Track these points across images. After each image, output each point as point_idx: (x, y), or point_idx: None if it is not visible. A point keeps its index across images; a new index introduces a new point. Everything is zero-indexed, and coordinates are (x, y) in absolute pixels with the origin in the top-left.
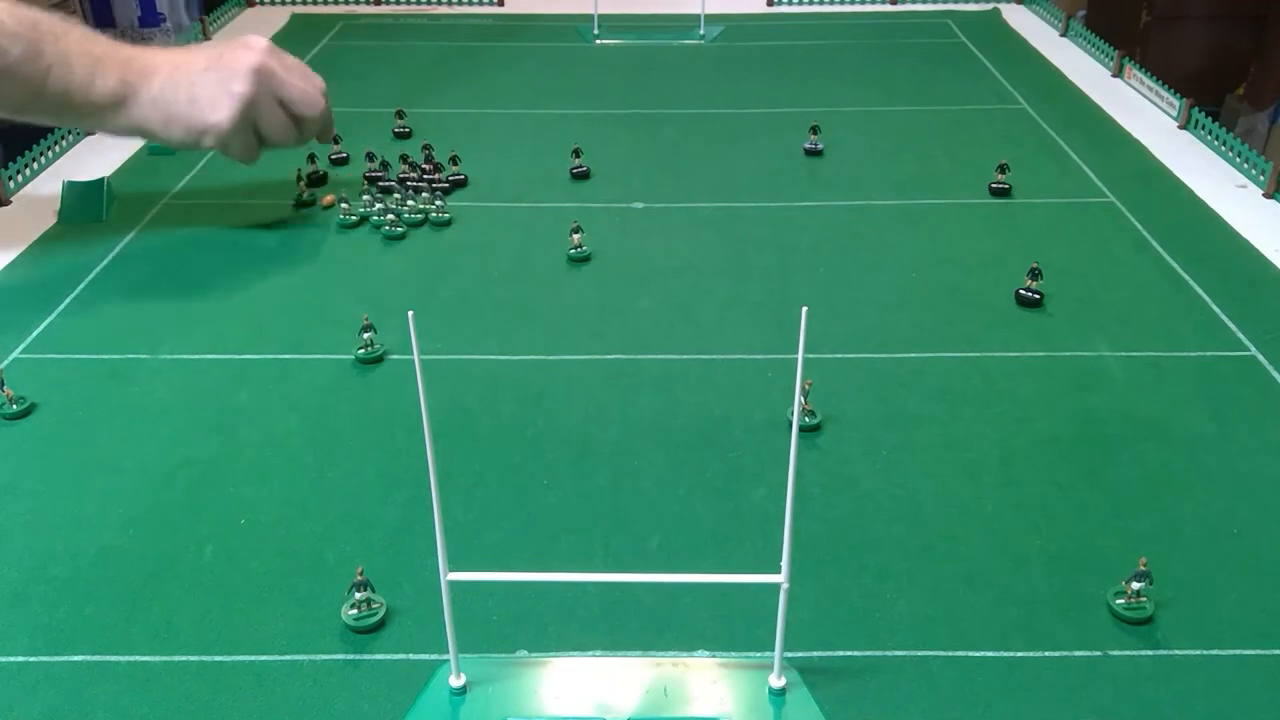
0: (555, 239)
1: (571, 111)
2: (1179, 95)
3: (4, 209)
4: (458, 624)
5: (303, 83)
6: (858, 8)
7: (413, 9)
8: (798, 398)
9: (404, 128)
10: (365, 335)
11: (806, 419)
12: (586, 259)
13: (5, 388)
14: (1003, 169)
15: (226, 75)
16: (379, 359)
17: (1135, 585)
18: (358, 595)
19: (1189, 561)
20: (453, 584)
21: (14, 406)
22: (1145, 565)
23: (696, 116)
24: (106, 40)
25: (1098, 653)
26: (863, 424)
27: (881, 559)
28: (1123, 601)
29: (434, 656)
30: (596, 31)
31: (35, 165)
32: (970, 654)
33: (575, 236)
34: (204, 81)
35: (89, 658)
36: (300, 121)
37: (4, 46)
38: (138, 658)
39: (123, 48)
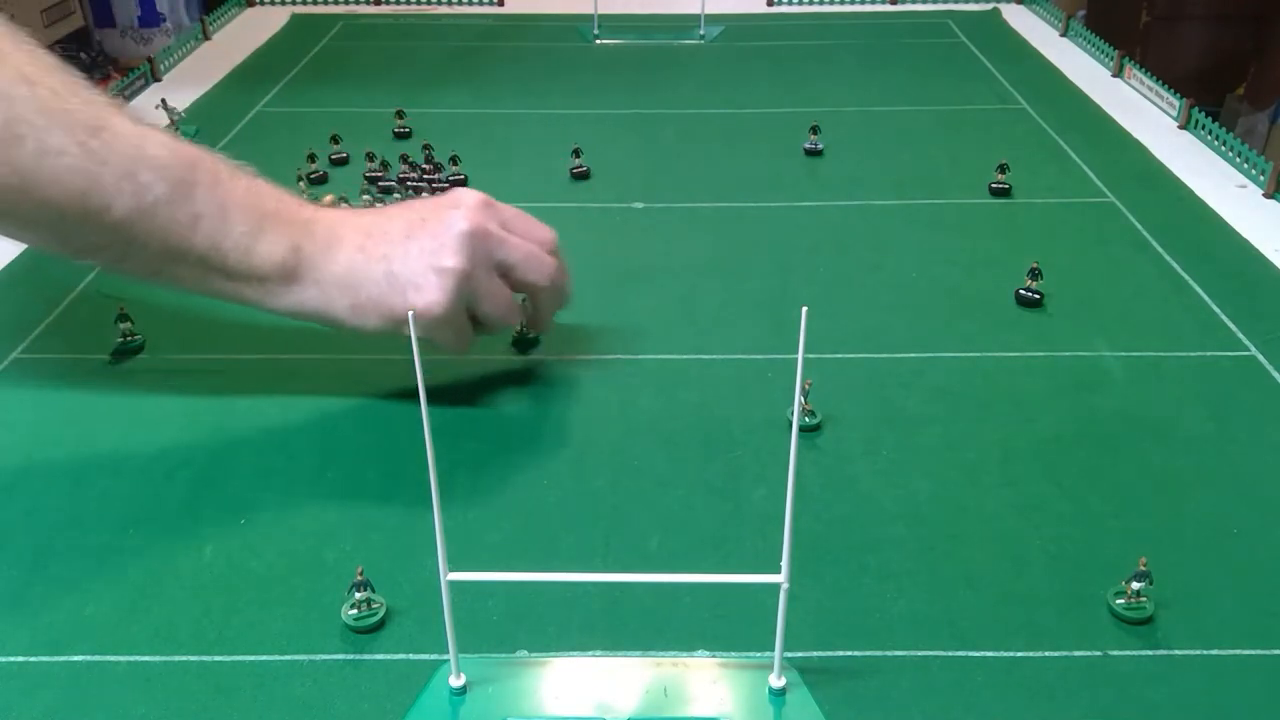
0: None
1: (571, 111)
2: (1179, 95)
3: None
4: (458, 624)
5: (526, 241)
6: (858, 8)
7: (413, 9)
8: (798, 398)
9: (404, 128)
10: None
11: (806, 419)
12: (536, 340)
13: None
14: (1003, 169)
15: (433, 245)
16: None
17: (1135, 585)
18: (358, 595)
19: (1189, 561)
20: (453, 584)
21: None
22: (1145, 565)
23: (696, 116)
24: (283, 195)
25: (1098, 653)
26: (863, 424)
27: (881, 559)
28: (1123, 601)
29: (434, 656)
30: (596, 31)
31: None
32: (970, 654)
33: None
34: (404, 254)
35: (89, 658)
36: (528, 290)
37: (146, 182)
38: (138, 658)
39: (303, 207)
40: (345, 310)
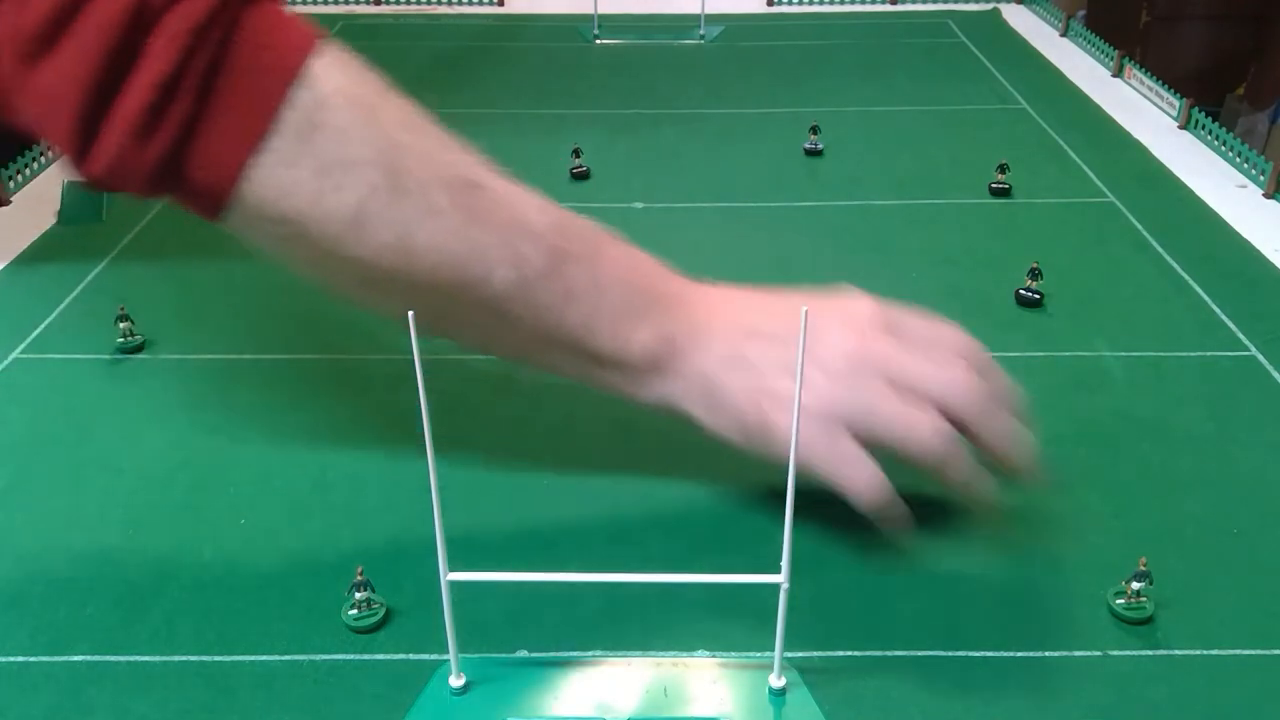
0: None
1: (571, 111)
2: (1179, 95)
3: (4, 209)
4: (458, 624)
5: (920, 393)
6: (858, 8)
7: (413, 9)
8: (797, 397)
9: None
10: None
11: None
12: None
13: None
14: (1003, 169)
15: (814, 358)
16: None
17: (1135, 585)
18: (358, 595)
19: (1189, 561)
20: (453, 584)
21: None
22: (1145, 565)
23: (696, 116)
24: (652, 265)
25: (1098, 653)
26: None
27: (881, 559)
28: (1123, 601)
29: (434, 656)
30: (596, 31)
31: (35, 165)
32: (970, 654)
33: None
34: (774, 362)
35: (89, 658)
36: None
37: (525, 253)
38: (138, 658)
39: (672, 279)
40: (703, 412)
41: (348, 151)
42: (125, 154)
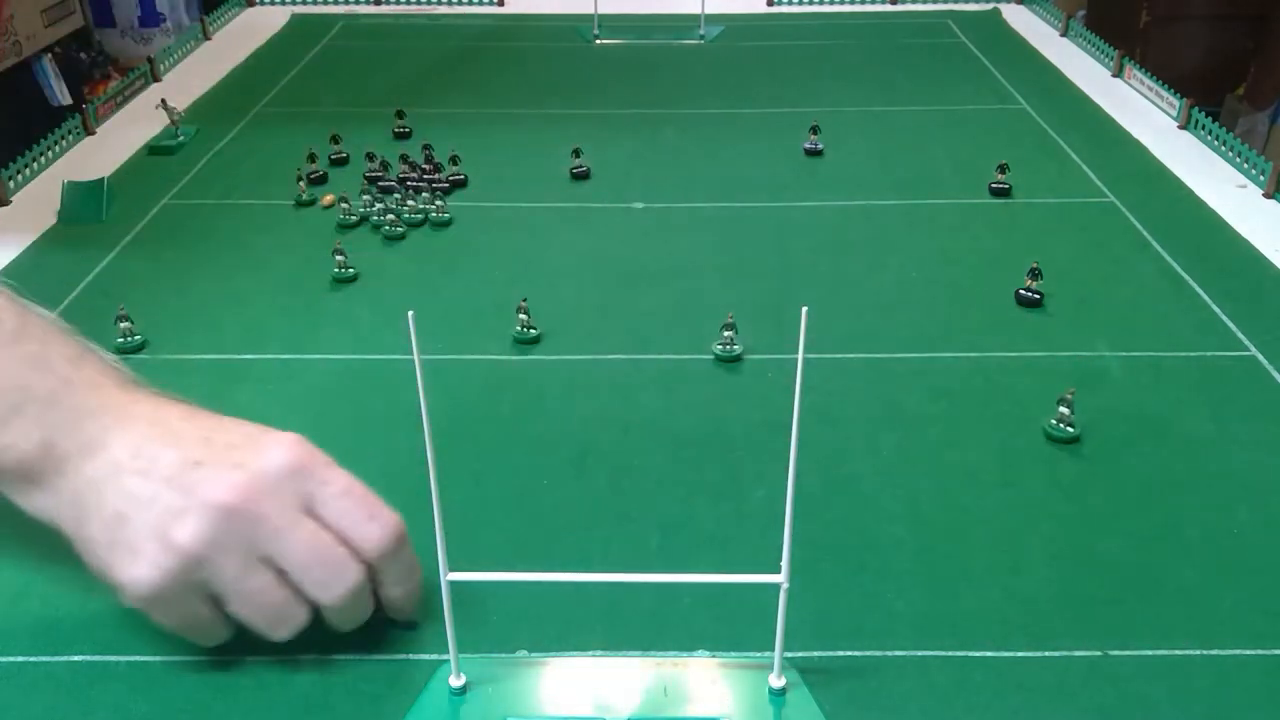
0: (555, 239)
1: (571, 111)
2: (1179, 95)
3: (4, 209)
4: (458, 624)
5: (334, 536)
6: (858, 8)
7: (413, 9)
8: (798, 397)
9: (404, 128)
10: None
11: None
12: (536, 340)
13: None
14: (1003, 169)
15: (180, 504)
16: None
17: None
18: None
19: (1189, 561)
20: (453, 584)
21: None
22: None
23: (696, 116)
24: (81, 367)
25: (1098, 652)
26: (863, 424)
27: (881, 559)
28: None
29: (434, 656)
30: (596, 31)
31: (35, 165)
32: (970, 654)
33: (522, 316)
34: (148, 501)
35: (89, 658)
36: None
37: None
38: (138, 658)
39: (98, 387)
40: (70, 535)
41: None
42: None
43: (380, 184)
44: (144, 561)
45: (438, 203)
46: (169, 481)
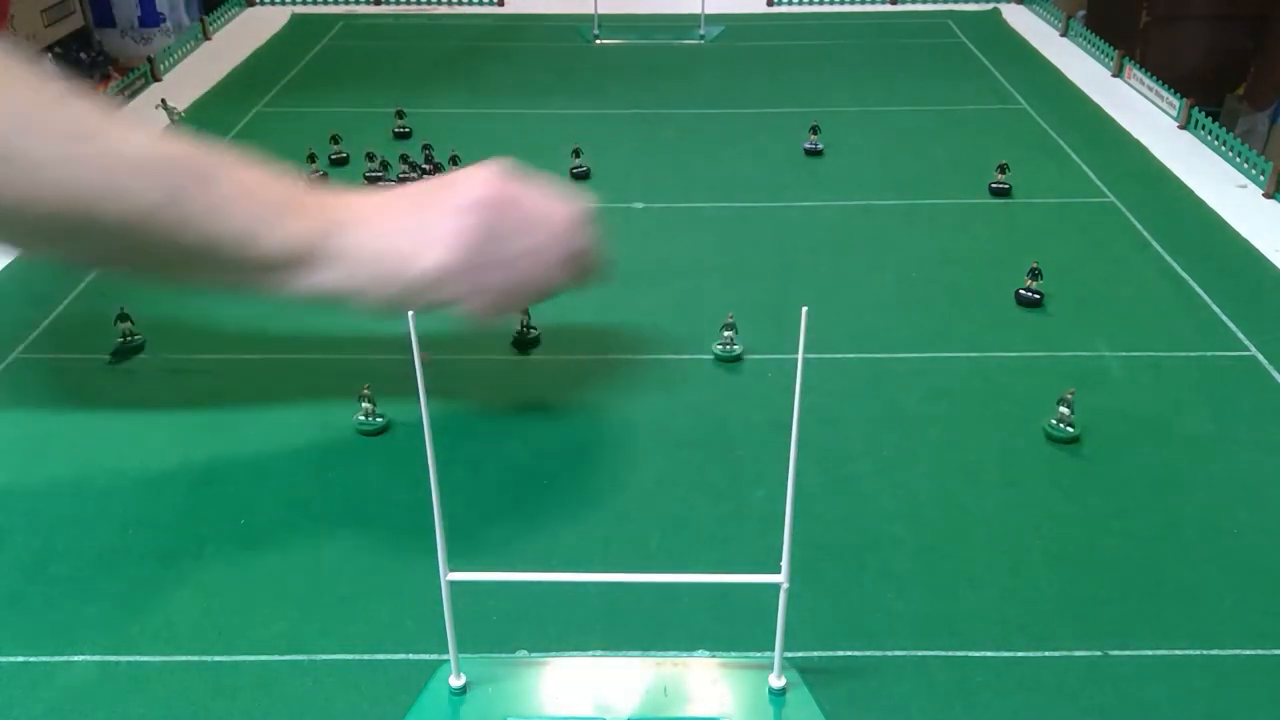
0: None
1: (571, 111)
2: (1179, 95)
3: None
4: (458, 624)
5: (552, 215)
6: (858, 7)
7: (413, 9)
8: (798, 397)
9: (404, 128)
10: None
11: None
12: (536, 340)
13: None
14: (1003, 169)
15: (445, 206)
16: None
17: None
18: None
19: (1189, 561)
20: (453, 584)
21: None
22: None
23: (696, 116)
24: (285, 181)
25: (1098, 653)
26: (863, 424)
27: (881, 559)
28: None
29: (434, 657)
30: (596, 31)
31: None
32: (970, 654)
33: (521, 316)
34: (419, 219)
35: (89, 658)
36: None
37: (138, 188)
38: (138, 658)
39: (315, 193)
40: (367, 280)
41: None
42: None
43: (380, 184)
44: (440, 243)
45: None
46: (424, 200)
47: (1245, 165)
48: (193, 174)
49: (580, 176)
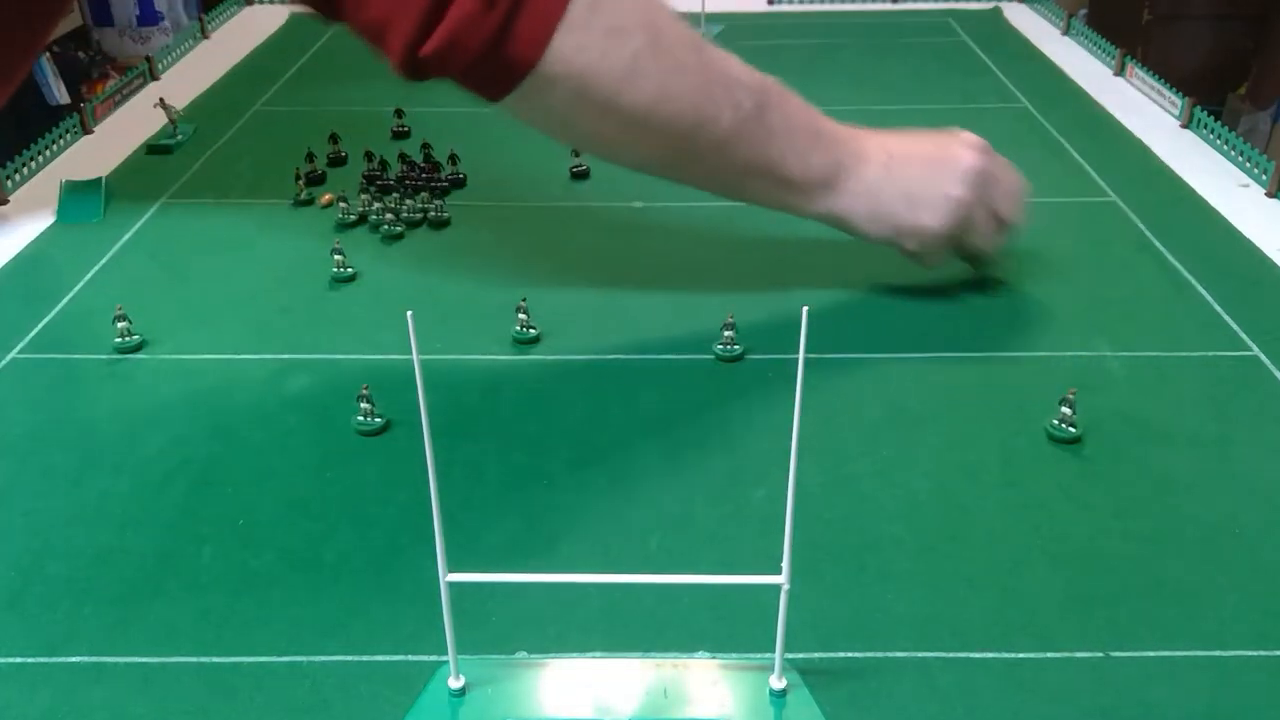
0: (555, 239)
1: None
2: (1181, 94)
3: (2, 208)
4: (457, 625)
5: (1014, 190)
6: (858, 7)
7: None
8: (798, 397)
9: (403, 127)
10: None
11: None
12: (536, 340)
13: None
14: None
15: (946, 175)
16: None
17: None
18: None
19: (1189, 561)
20: (452, 584)
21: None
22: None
23: None
24: (821, 115)
25: (1099, 653)
26: (863, 424)
27: (881, 559)
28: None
29: (434, 657)
30: None
31: (33, 165)
32: (971, 655)
33: (521, 316)
34: (922, 179)
35: (88, 658)
36: (1001, 228)
37: (740, 99)
38: (137, 658)
39: (839, 125)
40: (863, 217)
41: (622, 18)
42: (463, 31)
43: (379, 183)
44: (941, 211)
45: (436, 202)
46: (928, 163)
47: (1247, 164)
48: (771, 99)
49: (580, 176)
